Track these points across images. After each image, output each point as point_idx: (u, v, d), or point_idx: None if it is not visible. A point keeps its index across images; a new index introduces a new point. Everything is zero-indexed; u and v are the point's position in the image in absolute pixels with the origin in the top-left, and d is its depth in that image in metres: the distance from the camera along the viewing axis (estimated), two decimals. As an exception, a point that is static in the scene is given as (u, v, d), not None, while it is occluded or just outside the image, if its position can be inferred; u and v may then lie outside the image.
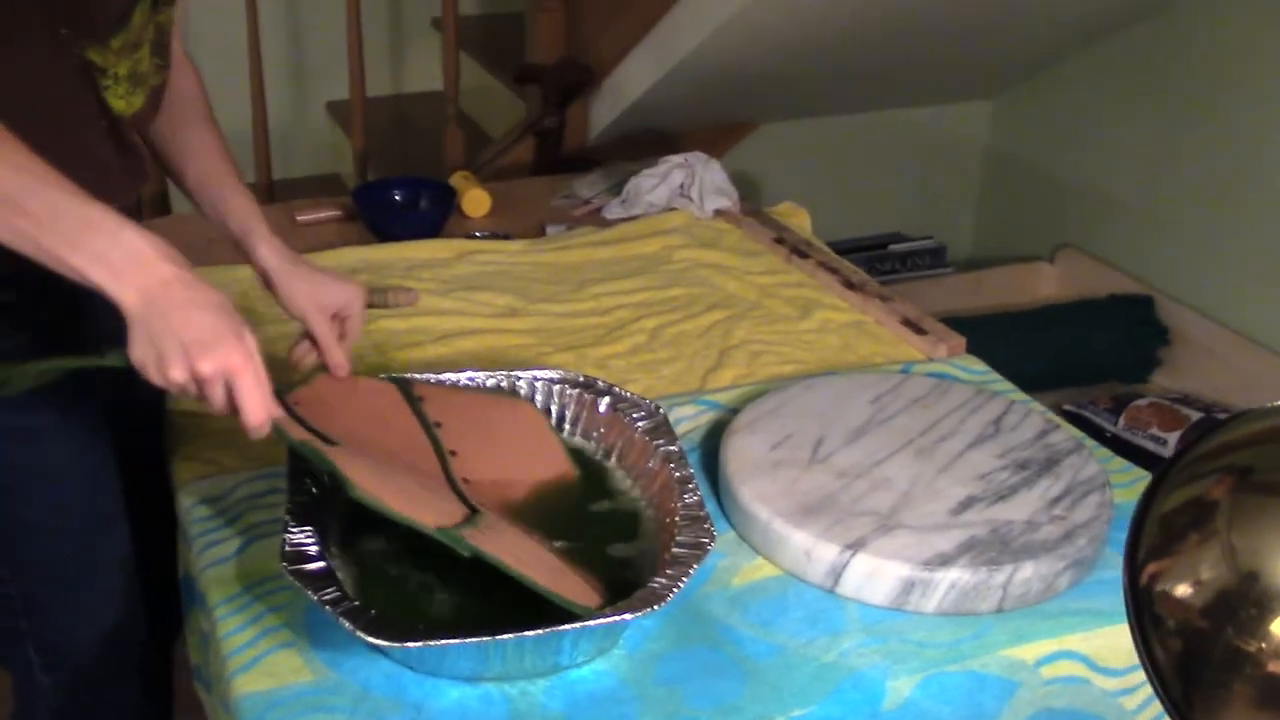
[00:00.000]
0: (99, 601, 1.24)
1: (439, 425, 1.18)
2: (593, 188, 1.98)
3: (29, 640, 1.23)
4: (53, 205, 0.90)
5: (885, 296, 1.63)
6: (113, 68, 1.09)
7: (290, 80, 2.98)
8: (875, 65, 2.49)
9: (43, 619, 1.23)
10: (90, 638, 1.25)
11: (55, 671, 1.25)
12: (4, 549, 1.17)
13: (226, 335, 0.92)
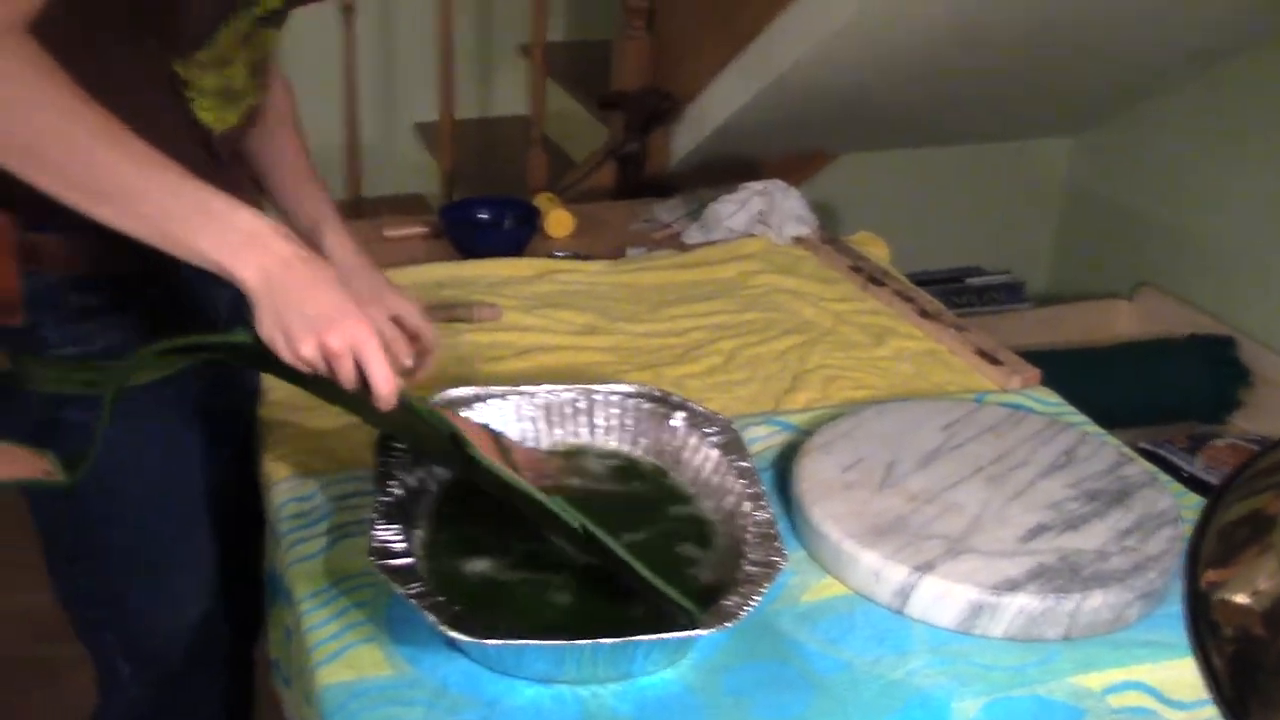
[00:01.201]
0: (178, 594, 1.28)
1: None
2: (673, 212, 2.01)
3: (109, 629, 1.28)
4: (172, 193, 0.94)
5: (960, 326, 1.64)
6: (198, 81, 1.12)
7: (380, 102, 3.06)
8: (958, 99, 2.50)
9: (123, 609, 1.28)
10: (170, 629, 1.29)
11: (135, 661, 1.29)
12: (86, 539, 1.22)
13: (350, 309, 0.95)
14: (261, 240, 0.94)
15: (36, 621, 2.27)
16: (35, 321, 1.13)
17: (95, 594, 1.26)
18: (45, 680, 2.16)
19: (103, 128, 0.93)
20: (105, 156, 0.93)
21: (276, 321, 0.95)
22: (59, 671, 2.16)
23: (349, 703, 0.98)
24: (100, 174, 0.93)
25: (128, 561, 1.25)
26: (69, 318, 1.13)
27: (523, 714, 0.97)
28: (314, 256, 0.96)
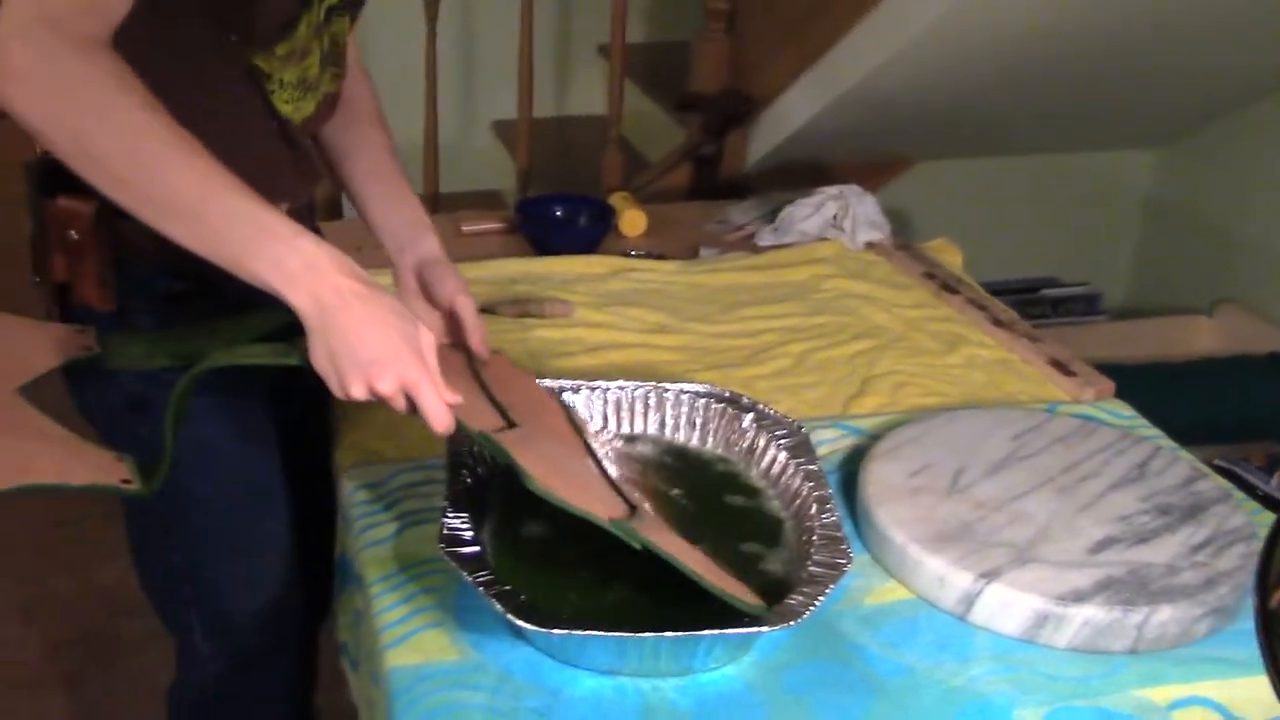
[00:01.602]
0: (257, 575, 1.31)
1: None
2: (746, 214, 2.02)
3: (193, 608, 1.31)
4: (232, 212, 0.93)
5: (1034, 336, 1.63)
6: (278, 74, 1.14)
7: (459, 99, 3.10)
8: (1037, 109, 2.48)
9: (205, 588, 1.31)
10: (247, 610, 1.32)
11: (214, 640, 1.32)
12: (174, 519, 1.25)
13: (402, 350, 0.94)
14: (319, 270, 0.93)
15: (109, 598, 2.34)
16: (125, 307, 1.17)
17: (180, 573, 1.29)
18: (118, 655, 2.22)
19: (173, 144, 0.93)
20: (172, 173, 0.93)
21: (328, 357, 0.95)
22: (131, 646, 2.23)
23: (415, 685, 1.00)
24: (165, 190, 0.94)
25: (211, 541, 1.28)
26: (158, 303, 1.16)
27: (584, 704, 0.99)
28: (369, 288, 0.95)
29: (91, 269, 1.15)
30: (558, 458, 1.10)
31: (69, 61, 0.92)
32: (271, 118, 1.17)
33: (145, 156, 0.93)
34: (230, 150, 1.07)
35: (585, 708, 0.98)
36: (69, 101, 0.92)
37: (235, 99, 1.13)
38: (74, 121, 0.93)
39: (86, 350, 1.13)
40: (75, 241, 1.13)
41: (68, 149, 0.94)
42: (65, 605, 2.33)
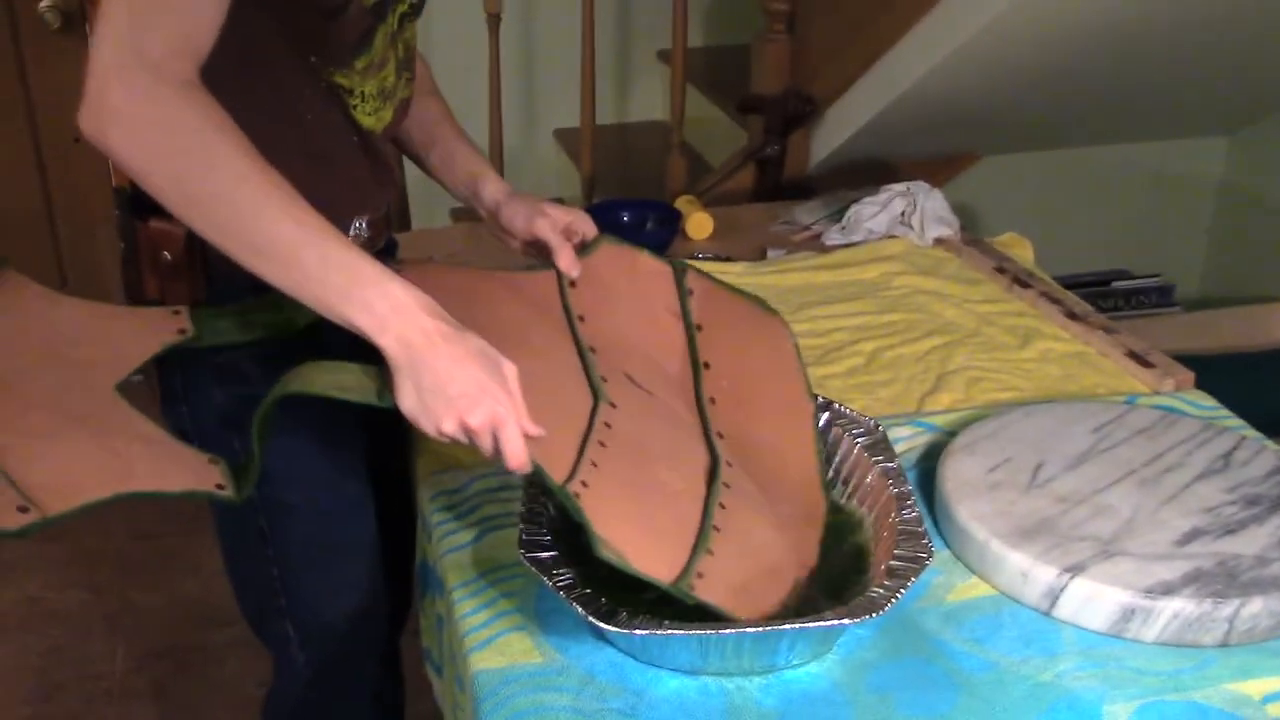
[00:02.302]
0: (348, 582, 1.33)
1: (699, 328, 1.22)
2: (812, 214, 2.01)
3: (287, 618, 1.33)
4: (324, 258, 0.95)
5: (1110, 328, 1.61)
6: (359, 87, 1.17)
7: (521, 108, 3.12)
8: (1105, 99, 2.45)
9: (299, 597, 1.33)
10: (338, 618, 1.34)
11: (308, 648, 1.34)
12: (268, 529, 1.28)
13: (490, 387, 0.95)
14: (406, 313, 0.95)
15: (191, 609, 2.39)
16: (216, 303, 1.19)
17: (275, 584, 1.31)
18: (203, 665, 2.26)
19: (269, 190, 0.95)
20: (267, 220, 0.95)
21: (418, 396, 0.96)
22: (214, 657, 2.27)
23: (500, 688, 1.01)
24: (261, 236, 0.95)
25: (305, 550, 1.30)
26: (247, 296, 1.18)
27: (668, 704, 0.99)
28: (456, 331, 0.97)
29: (184, 289, 1.17)
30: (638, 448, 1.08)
31: (170, 105, 0.94)
32: (354, 132, 1.19)
33: (243, 203, 0.95)
34: (315, 168, 1.10)
35: (670, 708, 0.98)
36: (170, 145, 0.94)
37: (318, 118, 1.16)
38: (176, 166, 0.95)
39: (181, 334, 1.12)
40: (168, 263, 1.16)
41: (167, 191, 0.96)
42: (149, 617, 2.37)
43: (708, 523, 1.07)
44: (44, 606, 2.39)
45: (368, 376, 1.00)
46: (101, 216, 3.01)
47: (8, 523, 0.87)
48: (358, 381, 1.00)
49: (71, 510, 0.91)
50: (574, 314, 1.20)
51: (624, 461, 1.07)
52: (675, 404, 1.15)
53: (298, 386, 1.01)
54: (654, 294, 1.24)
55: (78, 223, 3.03)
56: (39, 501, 0.89)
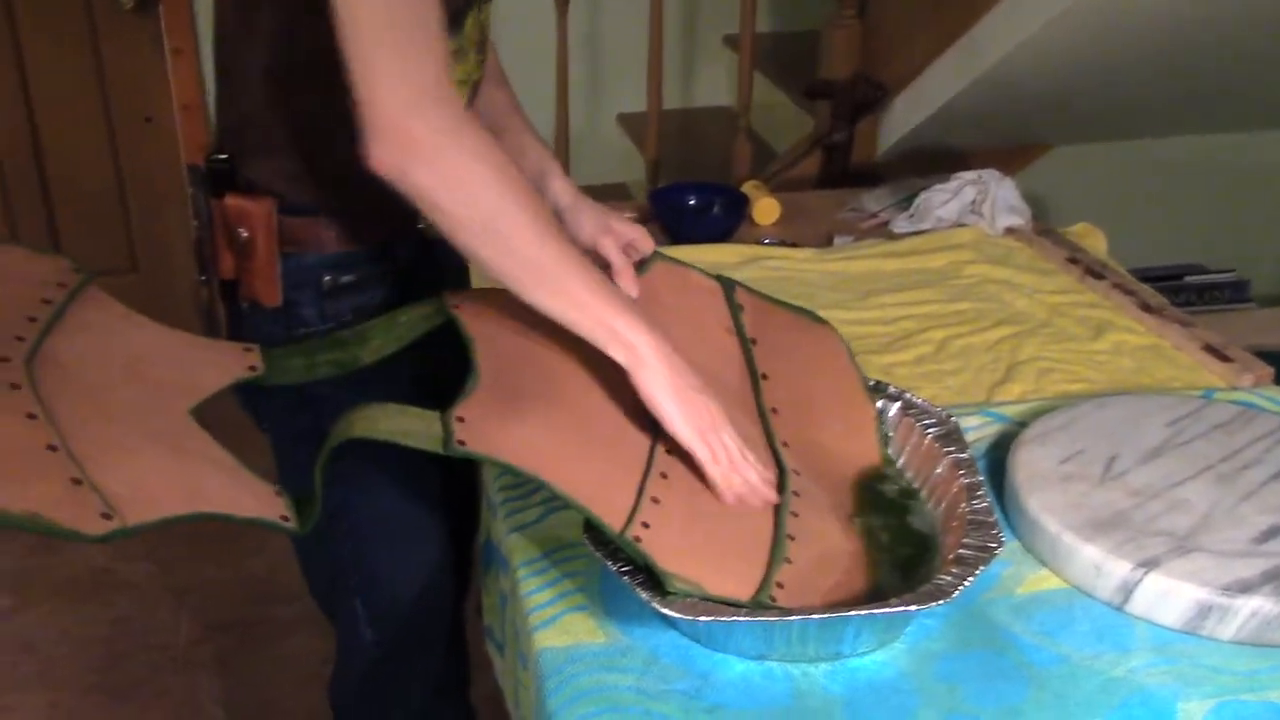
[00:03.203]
0: (417, 562, 1.34)
1: (754, 342, 1.22)
2: (880, 201, 1.99)
3: (357, 597, 1.34)
4: (589, 290, 1.03)
5: (1185, 321, 1.58)
6: None
7: (585, 93, 3.12)
8: (1182, 88, 2.40)
9: (369, 576, 1.34)
10: (408, 596, 1.35)
11: (377, 626, 1.35)
12: (340, 509, 1.29)
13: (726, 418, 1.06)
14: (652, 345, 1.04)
15: (257, 586, 2.42)
16: (291, 300, 1.20)
17: (345, 563, 1.32)
18: (267, 639, 2.29)
19: (545, 216, 1.03)
20: (542, 247, 1.02)
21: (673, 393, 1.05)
22: (279, 631, 2.29)
23: (565, 666, 1.00)
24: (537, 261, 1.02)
25: (377, 529, 1.31)
26: (322, 295, 1.20)
27: (733, 688, 0.98)
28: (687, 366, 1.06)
29: (260, 265, 1.18)
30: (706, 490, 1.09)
31: (468, 136, 0.99)
32: None
33: (529, 230, 1.01)
34: None
35: (735, 691, 0.98)
36: (474, 174, 0.99)
37: None
38: (476, 193, 1.00)
39: (251, 370, 1.16)
40: (245, 239, 1.17)
41: (465, 221, 1.01)
42: (215, 591, 2.41)
43: (781, 533, 1.06)
44: (112, 578, 2.43)
45: (432, 422, 1.01)
46: (171, 197, 3.05)
47: (92, 528, 0.88)
48: (424, 427, 1.01)
49: (149, 522, 0.93)
50: None
51: (688, 488, 1.07)
52: (738, 417, 1.15)
53: (361, 430, 1.02)
54: (707, 310, 1.24)
55: (148, 202, 3.07)
56: (120, 511, 0.91)
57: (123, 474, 0.95)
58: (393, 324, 1.16)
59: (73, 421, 0.97)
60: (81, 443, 0.95)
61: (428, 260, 1.27)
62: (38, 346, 1.03)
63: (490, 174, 1.00)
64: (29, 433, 0.93)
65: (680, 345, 1.15)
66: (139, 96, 2.94)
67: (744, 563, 1.03)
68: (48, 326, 1.05)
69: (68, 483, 0.90)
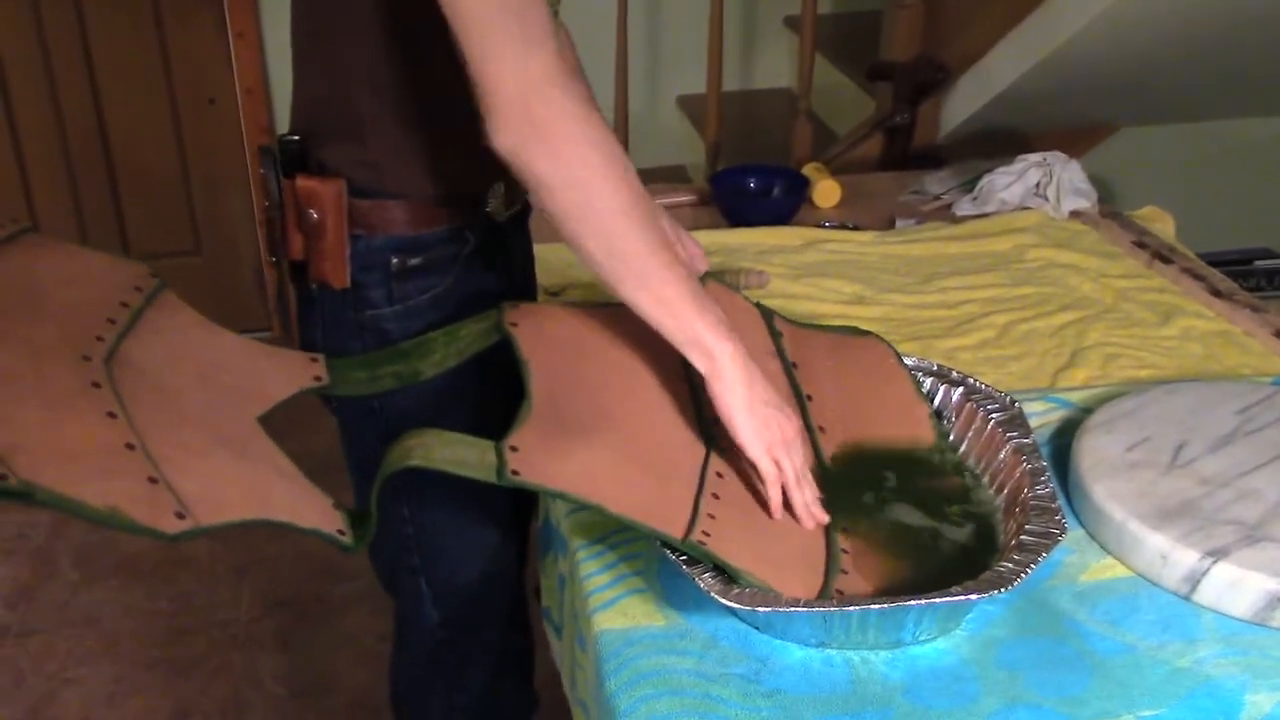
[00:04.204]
0: (481, 543, 1.35)
1: (796, 366, 1.22)
2: (943, 184, 1.97)
3: (422, 576, 1.35)
4: (681, 295, 1.03)
5: (1257, 306, 1.55)
6: None
7: (646, 75, 3.11)
8: (1253, 70, 2.35)
9: (434, 556, 1.34)
10: (473, 577, 1.35)
11: (441, 606, 1.36)
12: (407, 489, 1.29)
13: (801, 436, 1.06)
14: (720, 337, 1.04)
15: (316, 563, 2.45)
16: (359, 282, 1.21)
17: (410, 542, 1.33)
18: (325, 616, 2.32)
19: (644, 208, 1.03)
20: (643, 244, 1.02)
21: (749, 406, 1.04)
22: (337, 608, 2.32)
23: (624, 649, 1.00)
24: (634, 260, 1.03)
25: (443, 510, 1.32)
26: (390, 277, 1.20)
27: (792, 673, 0.98)
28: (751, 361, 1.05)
29: (330, 246, 1.19)
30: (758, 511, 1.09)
31: (593, 125, 1.01)
32: None
33: (627, 225, 1.02)
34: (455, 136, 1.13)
35: (794, 676, 0.97)
36: (590, 158, 1.00)
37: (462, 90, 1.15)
38: (590, 177, 1.01)
39: (316, 380, 1.17)
40: (315, 221, 1.18)
41: (571, 207, 1.02)
42: (276, 569, 2.44)
43: (835, 548, 1.06)
44: (174, 554, 2.47)
45: (486, 451, 1.01)
46: (234, 179, 3.08)
47: (167, 526, 0.91)
48: (478, 457, 1.01)
49: (221, 524, 0.95)
50: None
51: (740, 509, 1.07)
52: None
53: (419, 459, 1.02)
54: (751, 333, 1.24)
55: (211, 184, 3.11)
56: (193, 511, 0.93)
57: (195, 475, 0.97)
58: (454, 338, 1.17)
59: (148, 422, 0.99)
60: (157, 443, 0.97)
61: (497, 245, 1.27)
62: (115, 348, 1.05)
63: (606, 166, 1.00)
64: (109, 431, 0.95)
65: None
66: (202, 79, 2.97)
67: (803, 573, 1.03)
68: (126, 329, 1.08)
69: (145, 481, 0.93)
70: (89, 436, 0.94)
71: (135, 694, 2.14)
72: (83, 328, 1.04)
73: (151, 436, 0.97)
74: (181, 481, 0.95)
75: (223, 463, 1.01)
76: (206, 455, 1.01)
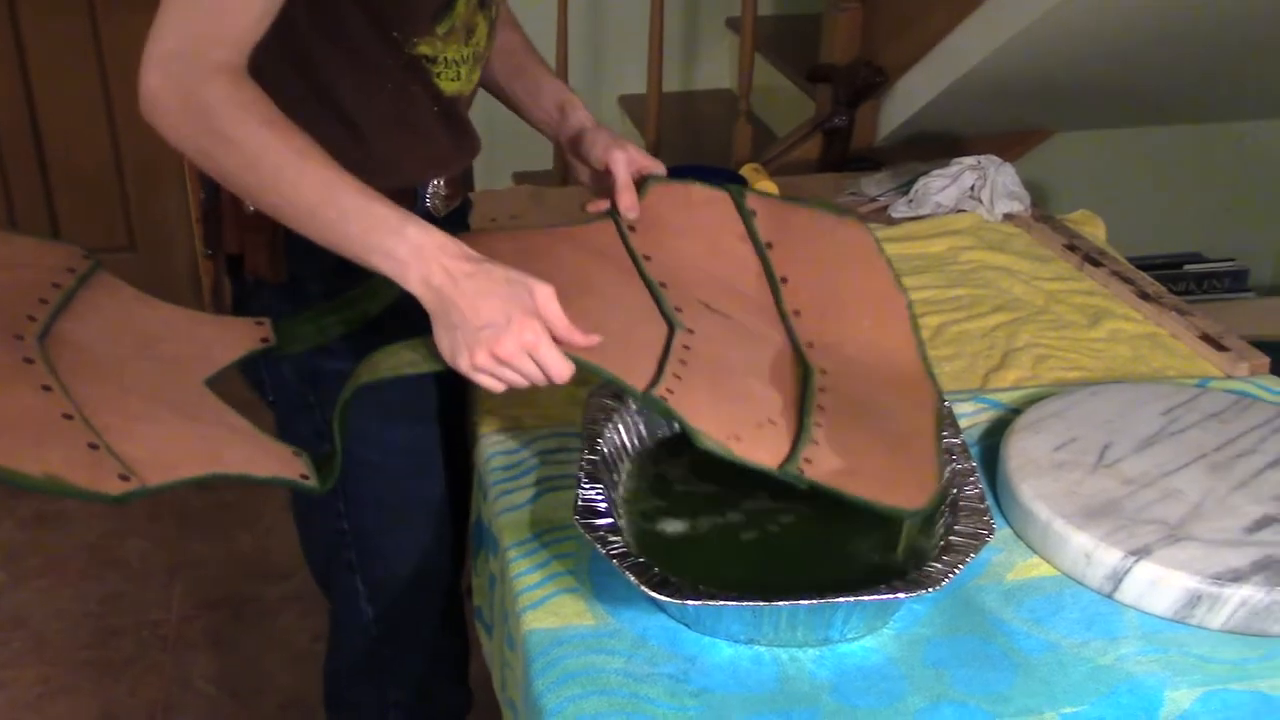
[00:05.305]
0: (417, 540, 1.34)
1: (770, 246, 1.21)
2: (880, 186, 1.98)
3: (358, 574, 1.34)
4: (345, 210, 0.99)
5: (1183, 310, 1.57)
6: (441, 54, 1.17)
7: (585, 74, 3.10)
8: (1183, 78, 2.39)
9: (370, 553, 1.33)
10: (407, 574, 1.34)
11: (376, 603, 1.35)
12: (345, 485, 1.28)
13: (515, 314, 0.97)
14: (425, 254, 0.98)
15: (248, 563, 2.42)
16: (297, 276, 1.20)
17: (346, 537, 1.32)
18: (258, 617, 2.29)
19: (287, 156, 1.00)
20: (287, 184, 1.00)
21: (449, 334, 0.99)
22: (269, 609, 2.29)
23: (552, 649, 1.00)
24: (284, 199, 1.01)
25: (378, 507, 1.31)
26: (326, 272, 1.18)
27: (721, 671, 0.98)
28: (477, 266, 0.98)
29: (264, 241, 1.18)
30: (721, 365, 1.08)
31: (194, 92, 1.00)
32: (434, 102, 1.20)
33: (266, 172, 1.00)
34: (392, 136, 1.13)
35: (722, 675, 0.98)
36: (195, 127, 1.01)
37: (400, 88, 1.17)
38: (200, 144, 1.01)
39: (264, 342, 1.17)
40: (250, 214, 1.17)
41: (203, 166, 1.04)
42: (206, 569, 2.40)
43: (808, 419, 1.06)
44: (104, 554, 2.43)
45: (427, 348, 1.02)
46: (170, 175, 3.04)
47: (110, 488, 0.91)
48: (423, 354, 1.03)
49: (169, 483, 0.96)
50: (638, 255, 1.19)
51: (707, 378, 1.07)
52: (757, 323, 1.14)
53: (367, 377, 1.04)
54: (716, 222, 1.23)
55: (146, 181, 3.06)
56: (139, 473, 0.93)
57: (140, 440, 0.97)
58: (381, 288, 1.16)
59: (88, 395, 0.99)
60: (98, 413, 0.97)
61: None
62: (49, 326, 1.06)
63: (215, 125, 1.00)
64: (44, 403, 0.95)
65: (691, 261, 1.15)
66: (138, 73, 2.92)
67: (771, 437, 1.03)
68: (59, 308, 1.08)
69: (85, 447, 0.93)
70: (23, 409, 0.94)
71: (62, 695, 2.10)
72: (13, 308, 1.05)
73: (92, 407, 0.97)
74: (125, 447, 0.95)
75: (170, 426, 1.02)
76: (153, 420, 1.01)
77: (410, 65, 1.17)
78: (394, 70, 1.16)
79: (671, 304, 1.13)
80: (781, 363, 1.14)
